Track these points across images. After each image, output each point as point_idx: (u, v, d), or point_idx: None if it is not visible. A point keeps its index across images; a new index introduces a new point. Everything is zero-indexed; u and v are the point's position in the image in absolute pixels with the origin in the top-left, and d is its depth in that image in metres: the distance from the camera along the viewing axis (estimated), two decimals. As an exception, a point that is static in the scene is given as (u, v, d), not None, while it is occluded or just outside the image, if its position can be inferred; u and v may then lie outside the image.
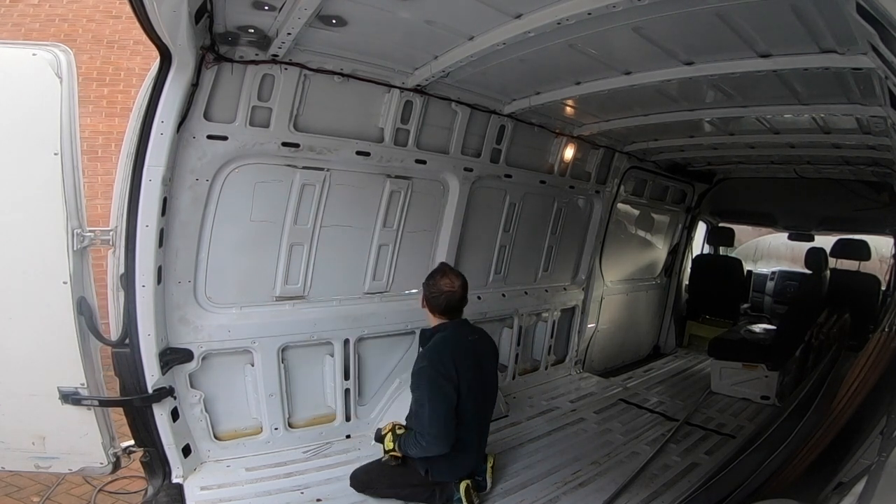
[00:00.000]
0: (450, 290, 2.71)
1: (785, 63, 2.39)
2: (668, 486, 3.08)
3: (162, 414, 2.61)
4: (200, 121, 2.59)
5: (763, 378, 4.57)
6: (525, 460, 3.30)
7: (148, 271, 2.48)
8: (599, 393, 4.60)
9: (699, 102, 3.34)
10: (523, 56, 2.62)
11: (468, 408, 2.64)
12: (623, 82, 2.88)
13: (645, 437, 3.74)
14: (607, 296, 5.31)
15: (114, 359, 2.53)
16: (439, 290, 2.71)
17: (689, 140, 4.38)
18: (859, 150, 3.89)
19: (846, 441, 2.62)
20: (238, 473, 2.85)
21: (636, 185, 5.34)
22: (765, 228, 8.10)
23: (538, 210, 4.39)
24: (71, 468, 2.57)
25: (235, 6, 2.23)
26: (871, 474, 1.44)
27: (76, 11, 5.63)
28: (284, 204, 2.96)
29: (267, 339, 3.00)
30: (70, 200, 2.31)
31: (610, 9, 2.01)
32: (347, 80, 2.92)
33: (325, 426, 3.28)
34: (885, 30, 1.46)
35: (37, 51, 2.28)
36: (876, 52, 1.82)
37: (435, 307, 2.74)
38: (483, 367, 2.78)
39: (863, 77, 2.41)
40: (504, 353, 4.36)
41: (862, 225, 5.78)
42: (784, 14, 1.99)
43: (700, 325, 6.55)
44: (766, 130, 3.81)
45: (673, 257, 6.31)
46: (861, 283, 5.44)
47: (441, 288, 2.71)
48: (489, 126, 3.68)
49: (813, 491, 2.19)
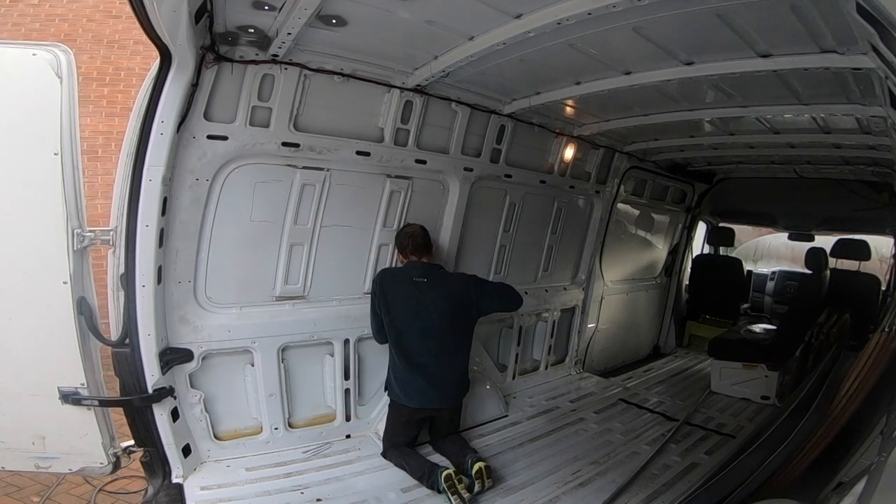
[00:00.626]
0: (411, 232, 3.27)
1: (785, 63, 2.39)
2: (668, 486, 3.08)
3: (162, 414, 2.61)
4: (200, 121, 2.59)
5: (763, 378, 4.57)
6: (525, 460, 3.29)
7: (148, 271, 2.48)
8: (599, 393, 4.60)
9: (699, 102, 3.33)
10: (523, 56, 2.62)
11: (402, 330, 3.13)
12: (623, 82, 2.87)
13: (645, 437, 3.74)
14: (607, 296, 5.31)
15: (114, 359, 2.53)
16: (405, 235, 3.29)
17: (689, 140, 4.38)
18: (859, 150, 3.89)
19: (846, 441, 2.62)
20: (238, 473, 2.85)
21: (636, 185, 5.34)
22: (765, 228, 8.09)
23: (538, 210, 4.39)
24: (71, 468, 2.57)
25: (235, 6, 2.23)
26: (871, 474, 1.44)
27: (76, 11, 5.63)
28: (285, 204, 2.96)
29: (267, 338, 3.00)
30: (70, 200, 2.31)
31: (610, 9, 2.01)
32: (347, 80, 2.92)
33: (325, 426, 3.28)
34: (885, 30, 1.46)
35: (37, 51, 2.28)
36: (876, 52, 1.82)
37: (403, 252, 3.29)
38: (422, 303, 3.14)
39: (863, 77, 2.40)
40: (504, 353, 4.37)
41: (862, 225, 5.78)
42: (784, 14, 1.99)
43: (700, 324, 6.54)
44: (767, 130, 3.81)
45: (673, 257, 6.31)
46: (861, 284, 5.44)
47: (405, 232, 3.30)
48: (489, 126, 3.68)
49: (813, 491, 2.19)
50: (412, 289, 3.16)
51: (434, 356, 3.16)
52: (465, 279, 3.37)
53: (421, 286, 3.18)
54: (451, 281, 3.32)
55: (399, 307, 3.13)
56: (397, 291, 3.15)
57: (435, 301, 3.17)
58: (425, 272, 3.24)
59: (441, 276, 3.30)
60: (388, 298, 3.13)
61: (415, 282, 3.18)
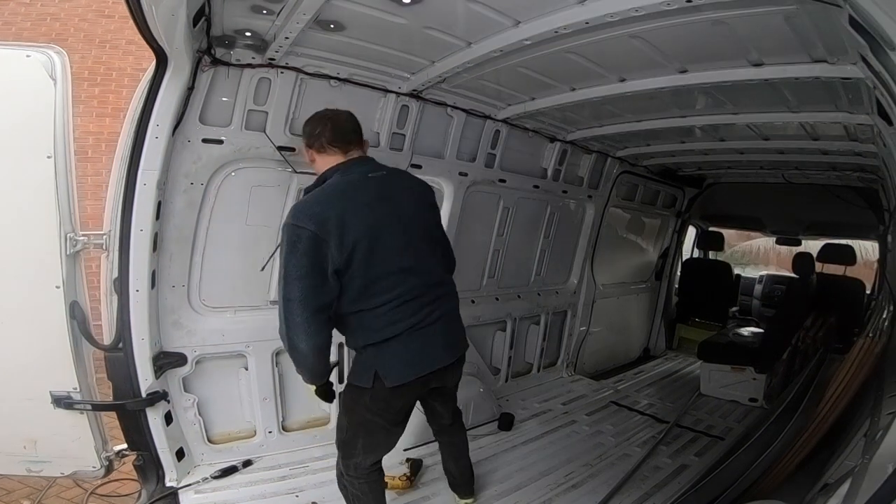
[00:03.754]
0: (332, 114, 2.18)
1: (776, 72, 2.43)
2: (659, 488, 3.12)
3: (155, 418, 2.59)
4: (196, 124, 2.58)
5: (751, 381, 4.63)
6: (518, 463, 3.31)
7: (142, 275, 2.46)
8: (591, 395, 4.63)
9: (691, 109, 3.38)
10: (520, 62, 2.64)
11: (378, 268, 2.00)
12: (617, 89, 2.90)
13: (636, 439, 3.78)
14: (599, 299, 5.35)
15: (107, 363, 2.51)
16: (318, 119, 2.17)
17: (680, 145, 4.43)
18: (846, 156, 3.96)
19: (831, 443, 2.68)
20: (232, 477, 2.83)
21: (628, 190, 5.39)
22: (753, 233, 8.20)
23: (531, 214, 4.42)
24: (63, 472, 2.55)
25: (234, 10, 2.22)
26: (855, 476, 1.48)
27: (68, 10, 5.56)
28: (280, 208, 2.94)
29: (261, 342, 2.98)
30: (63, 204, 2.29)
31: (607, 18, 2.04)
32: (343, 85, 2.93)
33: (319, 429, 3.27)
34: (875, 41, 1.49)
35: (31, 52, 2.26)
36: (865, 63, 1.86)
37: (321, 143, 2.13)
38: (401, 211, 2.12)
39: (851, 86, 2.46)
40: (497, 356, 4.38)
41: (848, 230, 5.88)
42: (778, 24, 2.03)
43: (689, 327, 6.61)
44: (756, 136, 3.87)
45: (663, 261, 6.37)
46: (846, 288, 5.54)
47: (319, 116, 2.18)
48: (484, 131, 3.70)
49: (800, 492, 2.24)
50: (369, 196, 2.04)
51: (428, 287, 2.14)
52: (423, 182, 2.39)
53: (381, 183, 2.11)
54: (410, 177, 2.37)
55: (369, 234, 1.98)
56: (353, 220, 1.96)
57: (409, 203, 2.17)
58: (376, 164, 2.19)
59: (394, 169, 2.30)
60: (345, 239, 1.93)
61: (371, 179, 2.10)
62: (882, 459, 1.35)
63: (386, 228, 2.04)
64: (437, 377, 2.20)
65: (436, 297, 2.17)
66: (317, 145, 2.16)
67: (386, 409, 2.14)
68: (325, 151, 2.15)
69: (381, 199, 2.08)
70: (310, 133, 2.17)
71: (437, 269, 2.25)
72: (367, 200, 2.04)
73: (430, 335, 2.12)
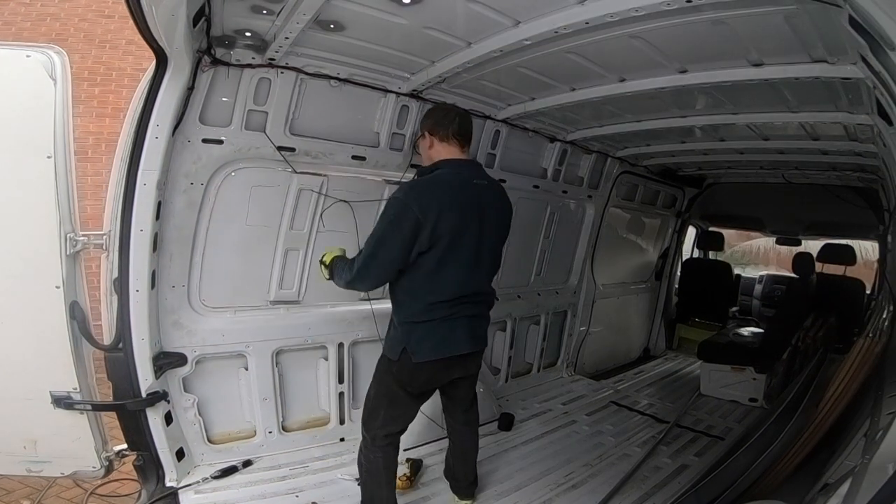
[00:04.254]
0: (460, 111, 2.41)
1: (776, 72, 2.43)
2: (659, 488, 3.12)
3: (155, 418, 2.59)
4: (196, 124, 2.58)
5: (751, 381, 4.63)
6: (518, 463, 3.32)
7: (142, 276, 2.46)
8: (591, 395, 4.63)
9: (691, 109, 3.38)
10: (520, 62, 2.64)
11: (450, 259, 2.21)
12: (617, 89, 2.91)
13: (636, 440, 3.78)
14: (599, 299, 5.34)
15: (107, 363, 2.51)
16: (448, 110, 2.41)
17: (680, 145, 4.43)
18: (846, 156, 3.96)
19: (831, 443, 2.67)
20: (232, 477, 2.83)
21: (628, 190, 5.38)
22: (753, 233, 8.20)
23: (531, 215, 4.41)
24: (63, 472, 2.55)
25: (234, 10, 2.23)
26: (855, 476, 1.48)
27: (68, 10, 5.56)
28: (280, 208, 2.95)
29: (261, 343, 2.99)
30: (63, 204, 2.28)
31: (607, 18, 2.04)
32: (343, 85, 2.93)
33: (319, 429, 3.28)
34: (875, 41, 1.50)
35: (31, 52, 2.26)
36: (865, 63, 1.86)
37: (447, 132, 2.31)
38: (486, 222, 2.30)
39: (851, 86, 2.46)
40: (497, 356, 4.38)
41: (848, 230, 5.88)
42: (778, 24, 2.03)
43: (689, 327, 6.61)
44: (756, 137, 3.87)
45: (663, 261, 6.37)
46: (846, 288, 5.54)
47: (447, 108, 2.44)
48: (484, 131, 3.69)
49: (800, 492, 2.24)
50: (471, 199, 2.24)
51: (473, 295, 2.36)
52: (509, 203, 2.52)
53: (481, 192, 2.29)
54: (502, 195, 2.47)
55: (455, 232, 2.19)
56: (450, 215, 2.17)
57: (491, 221, 2.34)
58: (482, 172, 2.38)
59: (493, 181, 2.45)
60: (438, 228, 2.14)
61: (475, 186, 2.29)
62: (882, 459, 1.35)
63: (467, 235, 2.24)
64: (459, 365, 2.42)
65: (474, 303, 2.39)
66: (442, 133, 2.33)
67: (409, 382, 2.35)
68: (447, 141, 2.33)
69: (473, 207, 2.26)
70: (438, 121, 2.34)
71: (485, 281, 2.45)
72: (465, 203, 2.23)
73: (458, 327, 2.33)
